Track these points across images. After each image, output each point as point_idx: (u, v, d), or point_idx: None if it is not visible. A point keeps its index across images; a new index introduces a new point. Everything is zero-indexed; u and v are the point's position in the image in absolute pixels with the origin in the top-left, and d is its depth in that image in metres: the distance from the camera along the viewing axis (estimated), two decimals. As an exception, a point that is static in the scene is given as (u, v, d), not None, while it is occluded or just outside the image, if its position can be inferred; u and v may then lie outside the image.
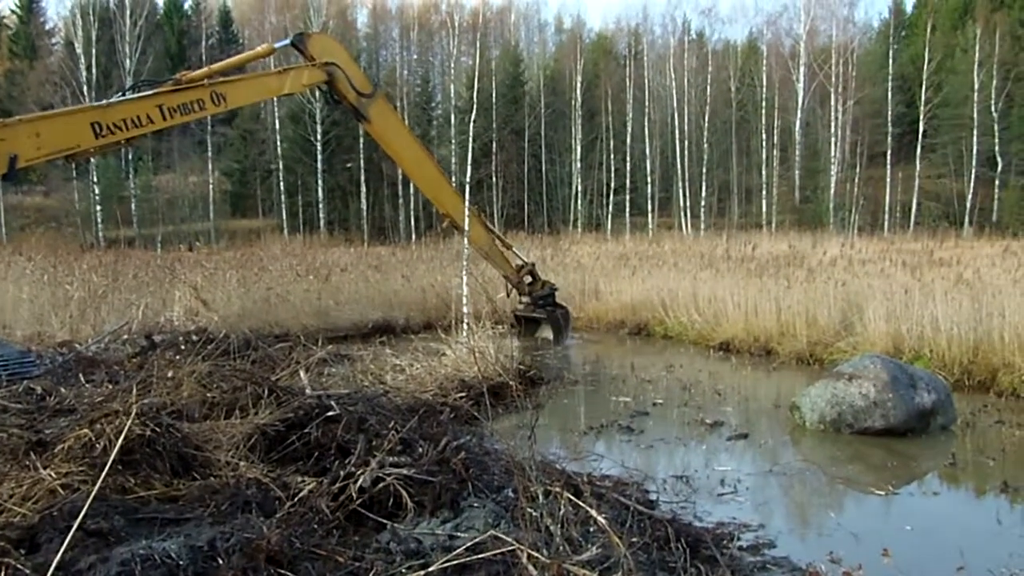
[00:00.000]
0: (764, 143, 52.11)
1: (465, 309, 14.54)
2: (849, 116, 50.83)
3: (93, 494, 3.99)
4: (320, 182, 49.91)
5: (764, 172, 51.81)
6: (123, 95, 11.67)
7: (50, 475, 5.40)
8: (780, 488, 7.89)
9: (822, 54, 52.29)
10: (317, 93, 47.33)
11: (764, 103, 52.28)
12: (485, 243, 16.07)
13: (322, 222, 49.71)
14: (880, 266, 19.16)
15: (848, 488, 7.98)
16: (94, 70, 46.08)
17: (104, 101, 11.77)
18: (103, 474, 4.27)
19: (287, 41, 13.36)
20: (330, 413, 6.91)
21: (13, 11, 59.14)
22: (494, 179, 52.68)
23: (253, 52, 13.45)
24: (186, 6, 64.03)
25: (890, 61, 52.30)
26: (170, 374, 7.93)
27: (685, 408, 11.24)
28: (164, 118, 11.47)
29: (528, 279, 16.98)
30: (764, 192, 51.56)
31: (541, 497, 4.75)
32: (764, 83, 52.46)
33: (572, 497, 5.01)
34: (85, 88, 45.20)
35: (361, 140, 47.43)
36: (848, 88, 50.73)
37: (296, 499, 5.58)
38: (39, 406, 7.71)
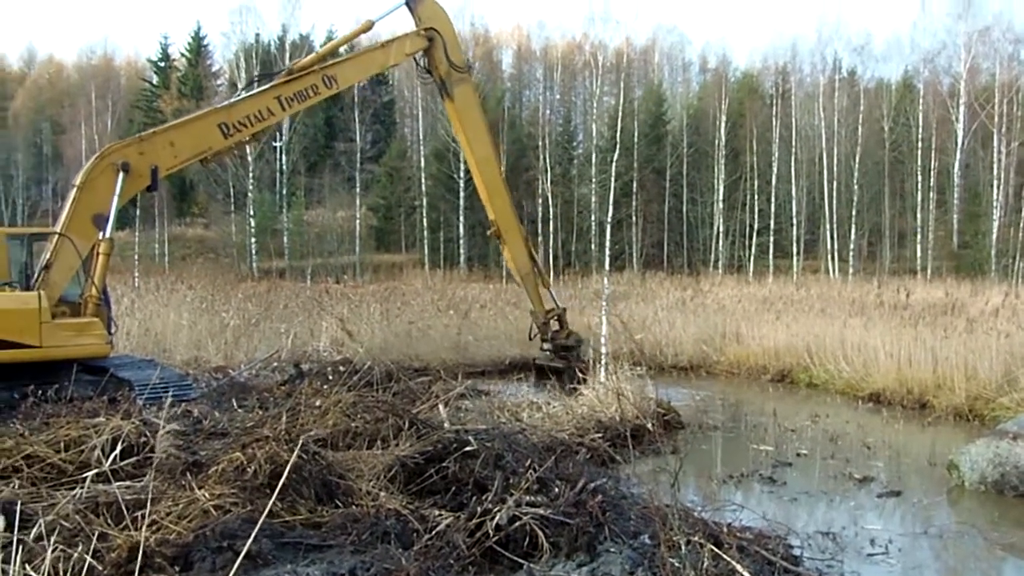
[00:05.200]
0: (919, 185, 49.78)
1: (604, 349, 14.39)
2: (1014, 158, 47.91)
3: (260, 522, 4.15)
4: (462, 219, 50.97)
5: (919, 215, 49.41)
6: (242, 94, 12.42)
7: (204, 495, 5.64)
8: (934, 552, 7.42)
9: (984, 93, 49.63)
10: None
11: (920, 143, 50.00)
12: (524, 266, 15.52)
13: (462, 258, 50.67)
14: (1048, 317, 17.88)
15: (1011, 555, 7.44)
16: (256, 110, 48.67)
17: (226, 102, 12.54)
18: (272, 499, 4.44)
19: (401, 3, 13.61)
20: (468, 448, 6.97)
21: (183, 54, 63.54)
22: (634, 219, 52.52)
23: (355, 30, 14.06)
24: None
25: (1060, 100, 49.24)
26: (317, 403, 8.21)
27: (831, 461, 10.76)
28: (283, 108, 12.25)
29: (556, 325, 16.10)
30: (919, 236, 49.16)
31: (683, 547, 4.62)
32: (920, 123, 50.20)
33: (715, 548, 4.85)
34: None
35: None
36: (1013, 129, 47.95)
37: (434, 532, 5.64)
38: (195, 428, 8.12)
